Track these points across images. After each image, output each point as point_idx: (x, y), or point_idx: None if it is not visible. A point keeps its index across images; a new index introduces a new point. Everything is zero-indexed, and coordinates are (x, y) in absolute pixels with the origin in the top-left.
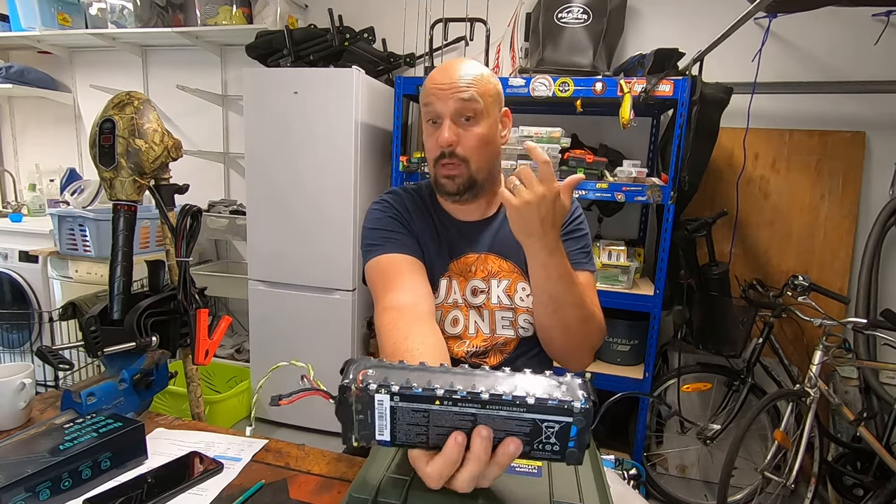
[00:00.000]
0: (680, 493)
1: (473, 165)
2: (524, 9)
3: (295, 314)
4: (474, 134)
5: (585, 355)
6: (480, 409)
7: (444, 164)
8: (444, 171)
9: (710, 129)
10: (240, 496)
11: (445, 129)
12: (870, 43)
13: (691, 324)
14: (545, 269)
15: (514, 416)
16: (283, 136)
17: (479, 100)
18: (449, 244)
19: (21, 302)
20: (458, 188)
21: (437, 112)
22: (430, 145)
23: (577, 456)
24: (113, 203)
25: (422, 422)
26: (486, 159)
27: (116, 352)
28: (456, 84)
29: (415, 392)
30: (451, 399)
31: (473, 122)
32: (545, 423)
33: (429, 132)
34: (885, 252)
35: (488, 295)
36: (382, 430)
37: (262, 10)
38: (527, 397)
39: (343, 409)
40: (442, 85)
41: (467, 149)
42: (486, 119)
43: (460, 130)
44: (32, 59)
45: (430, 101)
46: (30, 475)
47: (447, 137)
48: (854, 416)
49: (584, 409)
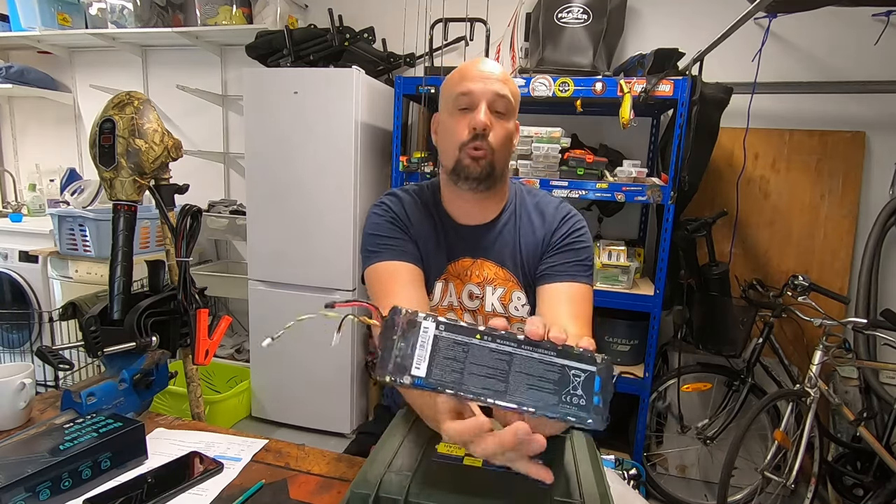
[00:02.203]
0: (680, 493)
1: (497, 156)
2: (524, 9)
3: (295, 314)
4: (503, 127)
5: None
6: (516, 349)
7: (474, 146)
8: (472, 153)
9: (710, 129)
10: (240, 496)
11: (482, 112)
12: (870, 43)
13: (691, 324)
14: None
15: (545, 360)
16: (283, 136)
17: (511, 98)
18: (448, 246)
19: (21, 302)
20: (482, 172)
21: (476, 97)
22: (459, 129)
23: (602, 413)
24: (113, 203)
25: (460, 357)
26: (504, 157)
27: (116, 352)
28: (494, 75)
29: (458, 324)
30: (491, 335)
31: (503, 117)
32: (572, 370)
33: (458, 118)
34: (885, 252)
35: (483, 301)
36: (420, 363)
37: (262, 10)
38: (556, 343)
39: (387, 332)
40: (482, 73)
41: (496, 139)
42: (512, 119)
43: (493, 119)
44: (32, 59)
45: (467, 86)
46: (30, 475)
47: (483, 120)
48: (854, 416)
49: (606, 360)
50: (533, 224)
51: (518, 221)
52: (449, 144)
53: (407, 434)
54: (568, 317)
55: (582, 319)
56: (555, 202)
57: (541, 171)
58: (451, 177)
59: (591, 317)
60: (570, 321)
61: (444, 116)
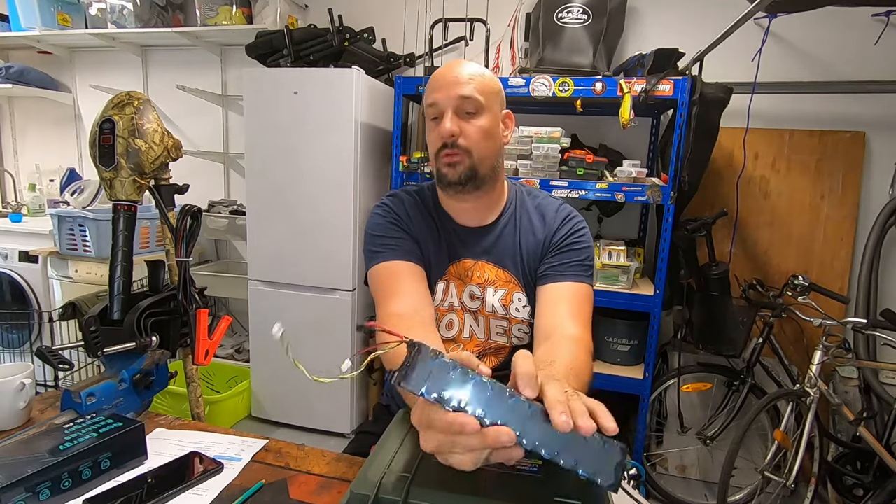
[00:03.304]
0: (680, 493)
1: (476, 156)
2: (524, 9)
3: (295, 314)
4: (476, 126)
5: None
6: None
7: (445, 153)
8: (445, 160)
9: (710, 128)
10: (240, 496)
11: (447, 121)
12: (870, 43)
13: (691, 324)
14: None
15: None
16: (283, 136)
17: (480, 96)
18: (448, 247)
19: (21, 302)
20: (460, 176)
21: (440, 106)
22: (432, 139)
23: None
24: (113, 203)
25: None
26: (488, 152)
27: (116, 352)
28: (458, 79)
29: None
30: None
31: (475, 115)
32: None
33: (431, 128)
34: (885, 252)
35: (483, 302)
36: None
37: (262, 10)
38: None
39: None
40: (443, 81)
41: (470, 140)
42: (488, 113)
43: (462, 123)
44: (32, 59)
45: (433, 97)
46: (30, 475)
47: (449, 128)
48: (854, 416)
49: (624, 451)
50: (533, 225)
51: (518, 223)
52: (430, 152)
53: (407, 434)
54: (567, 316)
55: (581, 319)
56: (555, 204)
57: (541, 171)
58: (438, 184)
59: (590, 317)
60: (570, 321)
61: (426, 125)
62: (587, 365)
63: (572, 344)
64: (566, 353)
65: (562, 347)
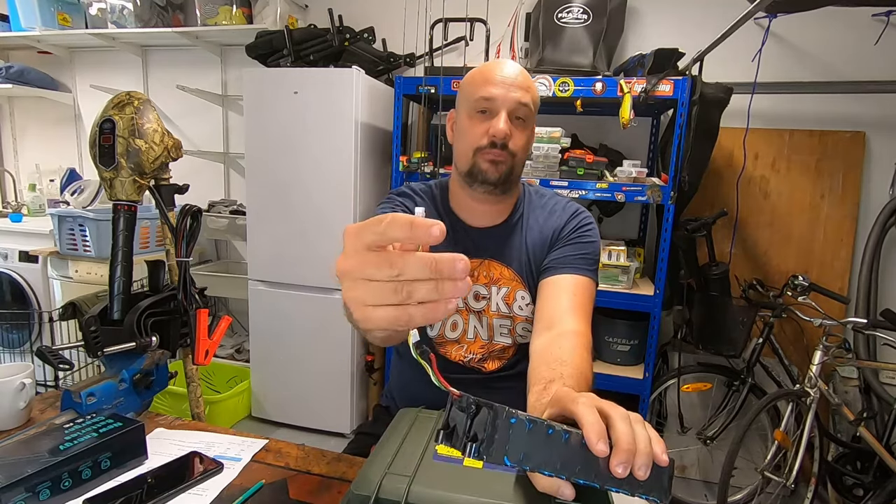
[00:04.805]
0: (680, 493)
1: (516, 163)
2: (524, 9)
3: (295, 314)
4: (523, 135)
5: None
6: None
7: (492, 152)
8: (489, 157)
9: (710, 129)
10: (240, 496)
11: (502, 121)
12: (870, 43)
13: (691, 324)
14: None
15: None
16: (283, 136)
17: (532, 106)
18: (456, 247)
19: (21, 302)
20: (500, 176)
21: (496, 103)
22: (476, 133)
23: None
24: (113, 203)
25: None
26: (523, 161)
27: (116, 352)
28: (517, 82)
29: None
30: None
31: (523, 124)
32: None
33: (476, 121)
34: (885, 252)
35: (489, 301)
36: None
37: (262, 10)
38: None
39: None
40: (501, 78)
41: (516, 146)
42: (532, 126)
43: (513, 127)
44: (32, 59)
45: (488, 90)
46: (30, 475)
47: (504, 129)
48: (854, 416)
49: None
50: (540, 223)
51: (526, 222)
52: (465, 146)
53: (407, 434)
54: (569, 309)
55: (581, 312)
56: (563, 201)
57: (541, 171)
58: (466, 179)
59: (591, 311)
60: (571, 314)
61: (461, 117)
62: (589, 363)
63: (574, 339)
64: (570, 350)
65: (564, 344)
